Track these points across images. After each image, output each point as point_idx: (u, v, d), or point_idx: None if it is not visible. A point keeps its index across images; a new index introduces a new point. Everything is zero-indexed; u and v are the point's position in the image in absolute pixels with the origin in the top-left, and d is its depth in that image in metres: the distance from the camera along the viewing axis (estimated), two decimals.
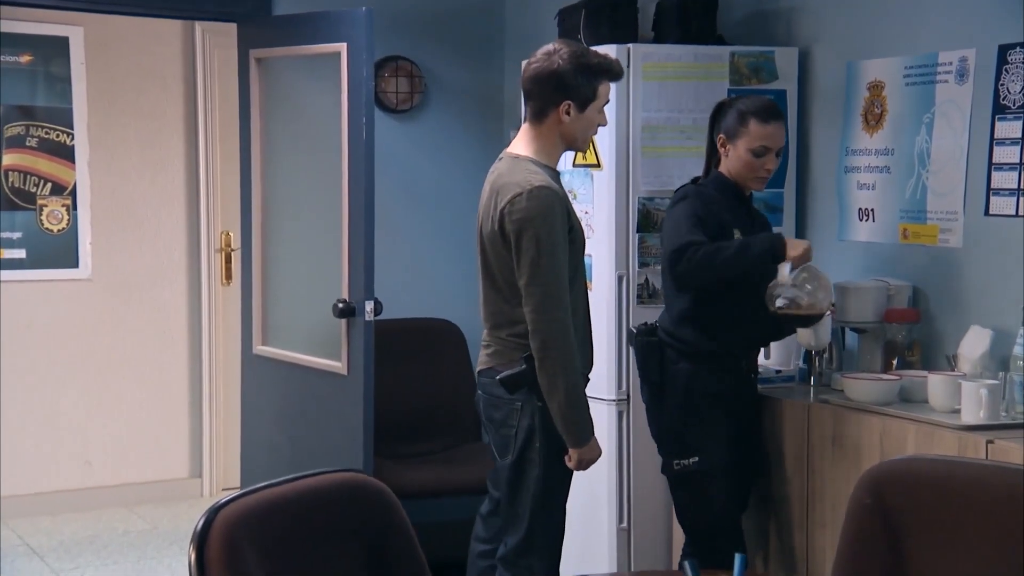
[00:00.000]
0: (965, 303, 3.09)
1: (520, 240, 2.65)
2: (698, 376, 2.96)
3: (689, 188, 3.01)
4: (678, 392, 2.97)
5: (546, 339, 2.65)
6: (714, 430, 2.97)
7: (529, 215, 2.63)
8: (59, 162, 5.16)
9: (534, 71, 2.74)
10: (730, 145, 2.98)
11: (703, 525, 3.00)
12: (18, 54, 5.05)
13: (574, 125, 2.73)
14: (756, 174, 2.98)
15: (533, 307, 2.65)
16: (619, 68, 2.78)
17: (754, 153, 2.95)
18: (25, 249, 5.12)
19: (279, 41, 4.10)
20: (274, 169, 4.21)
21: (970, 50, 3.08)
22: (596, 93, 2.73)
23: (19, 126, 5.08)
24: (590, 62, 2.72)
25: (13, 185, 5.08)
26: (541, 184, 2.65)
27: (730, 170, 3.00)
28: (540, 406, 2.71)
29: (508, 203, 2.66)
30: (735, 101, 3.03)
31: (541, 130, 2.76)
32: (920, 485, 2.13)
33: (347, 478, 2.02)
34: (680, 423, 2.97)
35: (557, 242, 2.64)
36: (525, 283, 2.65)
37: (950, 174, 3.13)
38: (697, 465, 2.95)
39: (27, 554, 4.62)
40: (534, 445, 2.71)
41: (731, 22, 3.69)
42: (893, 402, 2.91)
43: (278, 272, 4.22)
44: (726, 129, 2.99)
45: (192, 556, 1.72)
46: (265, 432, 4.22)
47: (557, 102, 2.71)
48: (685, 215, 2.91)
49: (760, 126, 2.95)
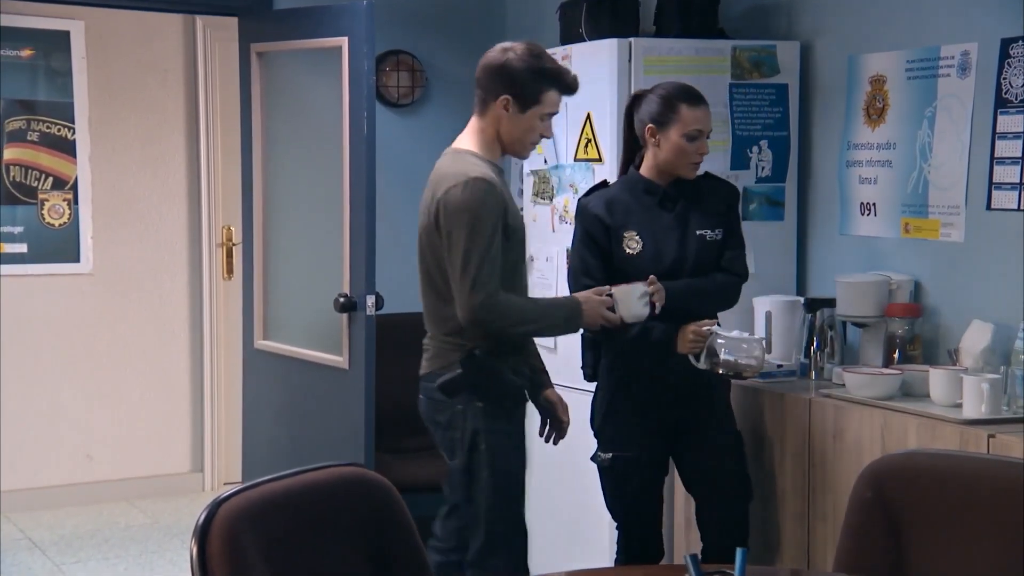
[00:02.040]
0: (967, 297, 3.09)
1: (452, 230, 2.63)
2: (616, 365, 2.95)
3: (580, 202, 2.97)
4: (605, 385, 2.99)
5: (475, 324, 2.63)
6: (632, 425, 2.94)
7: (463, 206, 2.62)
8: (60, 156, 5.16)
9: (485, 61, 2.75)
10: (660, 134, 2.88)
11: (619, 515, 3.05)
12: (19, 48, 5.04)
13: (512, 124, 2.71)
14: (691, 160, 2.89)
15: (464, 295, 2.62)
16: (572, 81, 2.75)
17: (688, 138, 2.87)
18: (26, 243, 5.12)
19: (280, 35, 4.09)
20: (275, 164, 4.21)
21: (972, 44, 3.07)
22: (540, 98, 2.70)
23: (20, 120, 5.08)
24: (541, 65, 2.70)
25: (14, 179, 5.08)
26: (478, 176, 2.64)
27: (661, 159, 2.90)
28: (481, 407, 2.71)
29: (444, 193, 2.65)
30: (652, 90, 2.95)
31: (483, 124, 2.75)
32: (921, 479, 2.13)
33: (348, 472, 2.02)
34: (602, 417, 2.99)
35: (490, 234, 2.61)
36: (457, 273, 2.63)
37: (952, 168, 3.13)
38: (609, 462, 2.97)
39: (29, 548, 4.63)
40: (479, 447, 2.71)
41: (732, 16, 3.68)
42: (894, 396, 2.91)
43: (279, 266, 4.22)
44: (653, 118, 2.88)
45: (193, 550, 1.72)
46: (266, 426, 4.22)
47: (497, 94, 2.70)
48: (576, 240, 2.94)
49: (691, 110, 2.86)
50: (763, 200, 3.55)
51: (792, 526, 3.08)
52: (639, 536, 3.04)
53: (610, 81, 3.38)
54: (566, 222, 3.60)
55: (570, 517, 3.65)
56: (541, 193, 3.73)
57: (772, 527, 3.13)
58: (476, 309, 2.62)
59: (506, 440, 2.72)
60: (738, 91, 3.48)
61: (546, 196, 3.70)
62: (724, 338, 2.81)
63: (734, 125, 3.49)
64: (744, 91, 3.49)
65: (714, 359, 2.80)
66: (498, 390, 2.72)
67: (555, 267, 3.65)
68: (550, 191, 3.68)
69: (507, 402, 2.75)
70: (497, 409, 2.73)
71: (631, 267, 2.87)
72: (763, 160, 3.54)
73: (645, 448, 2.95)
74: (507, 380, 2.73)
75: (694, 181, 2.94)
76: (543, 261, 3.71)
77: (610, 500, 3.06)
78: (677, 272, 2.89)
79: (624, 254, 2.88)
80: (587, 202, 2.96)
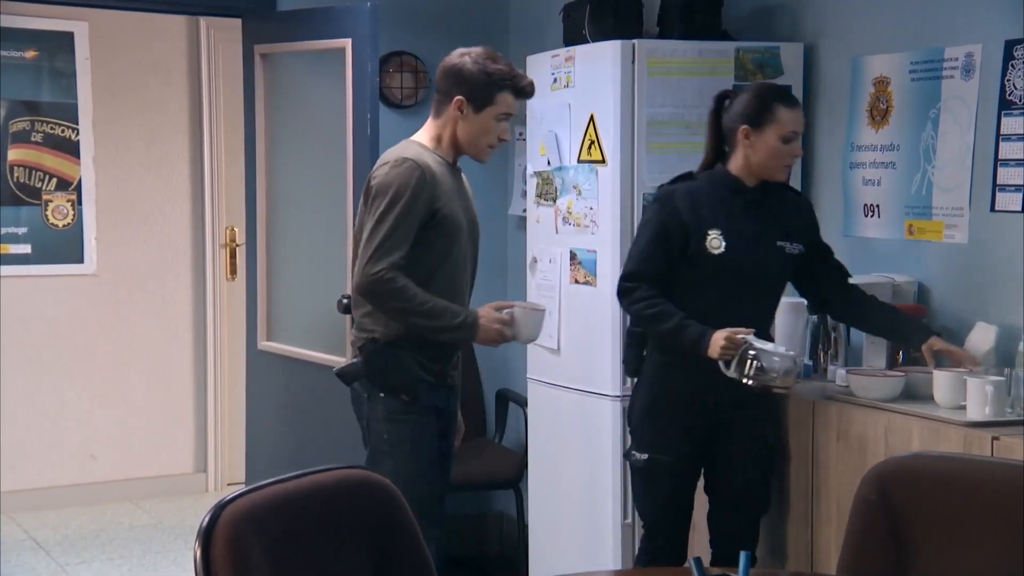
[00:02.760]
0: (970, 299, 3.09)
1: (372, 203, 2.72)
2: (665, 369, 2.92)
3: (664, 189, 2.93)
4: (646, 384, 2.96)
5: (364, 291, 2.69)
6: (669, 428, 2.91)
7: (387, 181, 2.71)
8: (64, 157, 5.17)
9: (442, 65, 2.84)
10: (755, 135, 2.85)
11: (647, 516, 3.02)
12: (23, 49, 5.05)
13: (467, 125, 2.79)
14: (784, 162, 2.88)
15: (361, 262, 2.69)
16: (526, 85, 2.82)
17: (784, 140, 2.85)
18: (30, 244, 5.13)
19: (283, 36, 4.10)
20: (279, 164, 4.21)
21: (976, 46, 3.07)
22: (494, 99, 2.77)
23: (24, 121, 5.09)
24: (495, 68, 2.78)
25: (18, 180, 5.08)
26: (409, 156, 2.73)
27: (754, 161, 2.87)
28: (383, 397, 2.75)
29: (374, 171, 2.76)
30: (745, 90, 2.94)
31: (438, 124, 2.84)
32: (925, 481, 2.13)
33: (352, 475, 2.02)
34: (641, 417, 2.96)
35: (404, 212, 2.68)
36: (363, 243, 2.71)
37: (956, 170, 3.13)
38: (644, 463, 2.94)
39: (32, 548, 4.64)
40: (382, 436, 2.76)
41: (736, 17, 3.68)
42: (898, 398, 2.91)
43: (283, 267, 4.22)
44: (749, 118, 2.85)
45: (197, 553, 1.72)
46: (270, 427, 4.22)
47: (452, 96, 2.78)
48: (648, 229, 2.88)
49: (788, 111, 2.85)
50: None
51: (796, 528, 3.07)
52: (666, 539, 2.99)
53: (613, 83, 3.38)
54: (569, 223, 3.60)
55: (576, 519, 3.65)
56: (544, 194, 3.73)
57: (776, 529, 3.13)
58: (368, 279, 2.67)
59: (411, 431, 2.75)
60: None
61: (549, 197, 3.70)
62: (757, 349, 2.73)
63: None
64: None
65: (744, 369, 2.74)
66: (394, 381, 2.75)
67: (558, 269, 3.65)
68: (553, 192, 3.68)
69: (405, 394, 2.76)
70: (400, 400, 2.76)
71: (712, 266, 2.84)
72: None
73: (682, 454, 2.92)
74: (405, 371, 2.75)
75: (777, 190, 2.94)
76: (546, 263, 3.71)
77: (640, 501, 3.02)
78: (756, 281, 2.88)
79: (706, 253, 2.84)
80: (672, 191, 2.89)
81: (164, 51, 5.31)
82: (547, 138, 3.68)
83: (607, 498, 3.46)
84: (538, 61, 3.75)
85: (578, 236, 3.56)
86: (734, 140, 2.89)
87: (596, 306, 3.48)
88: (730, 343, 2.75)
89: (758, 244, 2.89)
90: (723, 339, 2.75)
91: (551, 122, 3.66)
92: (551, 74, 3.66)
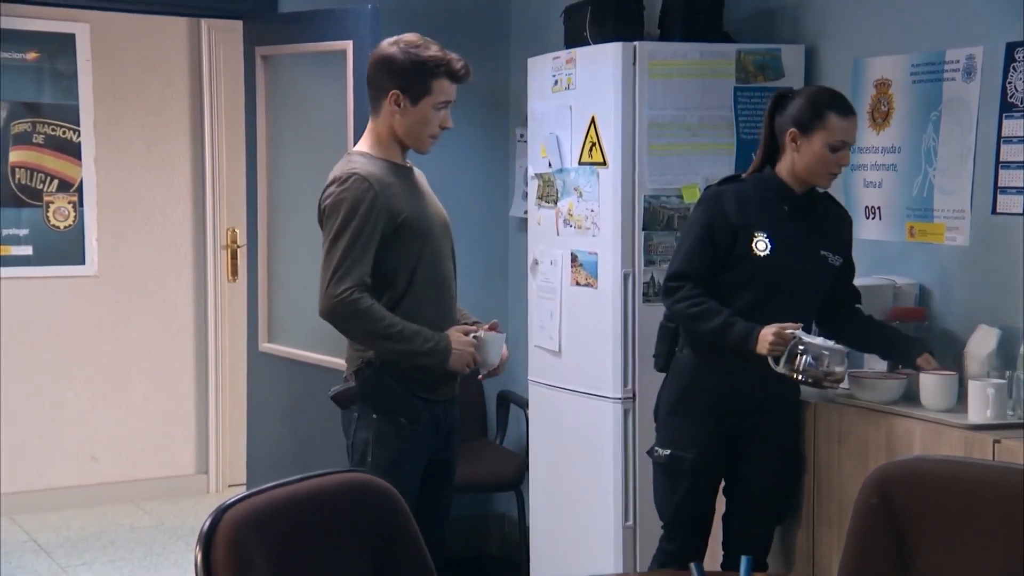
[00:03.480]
0: (972, 302, 3.08)
1: (326, 223, 2.65)
2: (697, 367, 2.90)
3: (711, 190, 2.92)
4: (674, 380, 2.94)
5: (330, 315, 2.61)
6: (695, 426, 2.89)
7: (336, 200, 2.62)
8: (65, 159, 5.17)
9: (372, 58, 2.73)
10: (803, 140, 2.83)
11: (666, 517, 2.99)
12: (24, 51, 5.05)
13: (406, 118, 2.68)
14: (830, 170, 2.86)
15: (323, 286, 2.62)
16: (461, 67, 2.68)
17: (832, 148, 2.83)
18: (32, 246, 5.13)
19: (285, 38, 4.10)
20: (280, 166, 4.21)
21: (977, 48, 3.06)
22: (430, 88, 2.66)
23: (25, 123, 5.09)
24: (427, 55, 2.66)
25: (20, 182, 5.09)
26: (353, 170, 2.64)
27: (799, 166, 2.86)
28: (375, 419, 2.67)
29: (322, 194, 2.68)
30: (801, 92, 2.92)
31: (377, 123, 2.73)
32: (927, 485, 2.13)
33: (353, 478, 2.02)
34: (666, 412, 2.95)
35: (357, 229, 2.59)
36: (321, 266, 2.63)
37: (957, 172, 3.12)
38: (666, 459, 2.92)
39: (34, 550, 4.64)
40: (367, 460, 2.67)
41: (737, 19, 3.68)
42: (899, 401, 2.91)
43: (284, 269, 4.23)
44: (799, 122, 2.83)
45: (198, 557, 1.72)
46: (271, 429, 4.22)
47: (388, 91, 2.68)
48: (694, 229, 2.86)
49: (840, 119, 2.82)
50: None
51: (797, 531, 3.07)
52: (684, 540, 2.94)
53: (614, 85, 3.38)
54: (570, 225, 3.60)
55: (577, 521, 3.65)
56: (545, 196, 3.73)
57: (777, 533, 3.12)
58: (332, 300, 2.59)
59: (395, 456, 2.66)
60: (743, 94, 3.48)
61: (550, 199, 3.70)
62: (806, 344, 2.72)
63: (739, 129, 3.49)
64: (749, 94, 3.48)
65: (795, 364, 2.72)
66: (392, 405, 2.68)
67: (559, 270, 3.65)
68: (554, 194, 3.68)
69: (401, 418, 2.69)
70: (390, 424, 2.68)
71: (757, 268, 2.84)
72: None
73: (704, 452, 2.90)
74: (402, 396, 2.68)
75: (822, 200, 2.95)
76: (547, 264, 3.71)
77: (660, 498, 2.99)
78: (798, 286, 2.88)
79: (751, 253, 2.83)
80: (719, 192, 2.88)
81: (165, 52, 5.31)
82: (548, 140, 3.68)
83: (608, 500, 3.46)
84: (539, 63, 3.75)
85: (579, 238, 3.56)
86: (783, 143, 2.88)
87: (597, 308, 3.48)
88: (779, 338, 2.74)
89: (803, 250, 2.88)
90: (772, 335, 2.74)
91: (552, 124, 3.66)
92: (552, 76, 3.66)
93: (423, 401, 2.72)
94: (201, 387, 5.44)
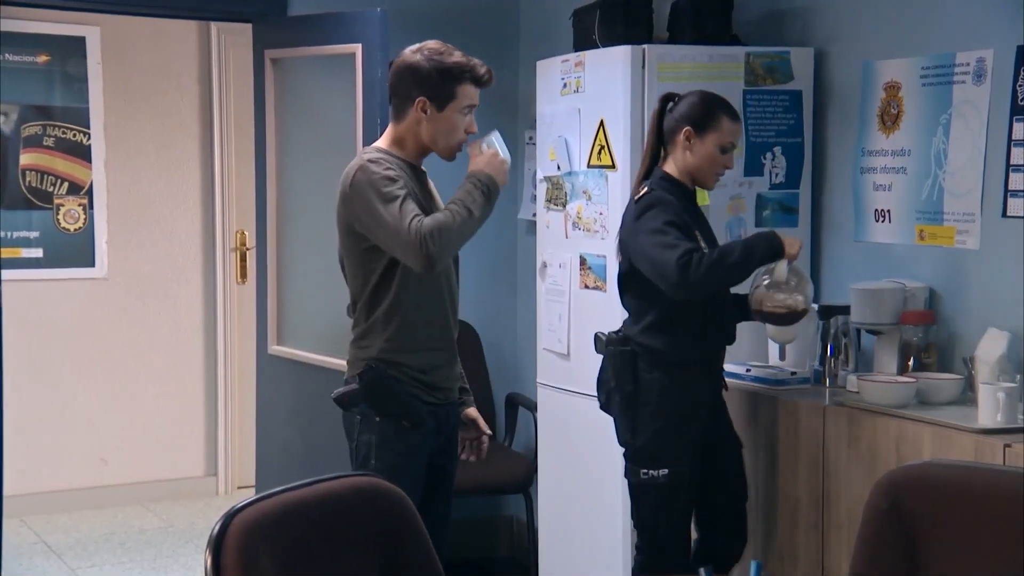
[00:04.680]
0: (982, 305, 3.08)
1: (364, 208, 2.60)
2: (672, 386, 2.92)
3: (656, 195, 2.92)
4: (651, 402, 2.93)
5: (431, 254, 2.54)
6: (684, 441, 2.93)
7: (363, 181, 2.60)
8: (76, 161, 5.19)
9: (395, 67, 2.72)
10: (696, 139, 2.91)
11: (660, 533, 2.98)
12: (35, 54, 5.07)
13: (433, 125, 2.68)
14: (718, 171, 2.95)
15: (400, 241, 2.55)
16: (484, 73, 2.69)
17: (722, 149, 2.92)
18: (42, 248, 5.15)
19: (294, 42, 4.11)
20: (289, 169, 4.22)
21: (988, 51, 3.06)
22: (456, 93, 2.67)
23: (36, 126, 5.11)
24: (452, 60, 2.67)
25: (30, 184, 5.10)
26: (372, 158, 2.65)
27: (689, 166, 2.93)
28: (379, 421, 2.67)
29: (343, 187, 2.66)
30: (691, 93, 2.98)
31: (400, 128, 2.73)
32: (937, 490, 2.13)
33: (363, 482, 2.02)
34: (652, 433, 2.93)
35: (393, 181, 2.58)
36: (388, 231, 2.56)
37: (967, 175, 3.12)
38: (666, 479, 2.92)
39: (44, 551, 4.65)
40: (370, 462, 2.67)
41: (746, 22, 3.67)
42: (909, 404, 2.90)
43: (293, 271, 4.23)
44: (694, 122, 2.91)
45: (208, 561, 1.72)
46: (280, 431, 4.23)
47: (413, 98, 2.68)
48: (663, 224, 2.84)
49: (731, 122, 2.92)
50: (777, 207, 3.54)
51: (806, 535, 3.07)
52: (678, 553, 2.98)
53: (623, 88, 3.38)
54: (579, 228, 3.60)
55: (585, 524, 3.64)
56: (554, 199, 3.73)
57: (786, 536, 3.12)
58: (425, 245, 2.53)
59: (398, 459, 2.66)
60: (752, 97, 3.48)
61: (559, 202, 3.70)
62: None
63: (748, 131, 3.48)
64: (758, 97, 3.48)
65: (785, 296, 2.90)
66: (395, 407, 2.68)
67: (568, 273, 3.64)
68: (563, 197, 3.68)
69: (405, 420, 2.69)
70: (393, 426, 2.68)
71: None
72: (777, 167, 3.53)
73: (696, 462, 2.95)
74: (405, 399, 2.69)
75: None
76: (556, 268, 3.71)
77: (651, 516, 2.98)
78: None
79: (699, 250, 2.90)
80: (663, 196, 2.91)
81: (175, 56, 5.33)
82: (557, 143, 3.68)
83: (617, 503, 3.46)
84: (548, 66, 3.75)
85: (588, 241, 3.56)
86: (674, 141, 2.95)
87: (606, 311, 3.48)
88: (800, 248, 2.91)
89: (711, 243, 2.98)
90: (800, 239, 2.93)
91: (561, 127, 3.66)
92: (561, 79, 3.66)
93: (425, 404, 2.72)
94: (210, 389, 5.45)
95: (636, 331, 2.96)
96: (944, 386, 2.95)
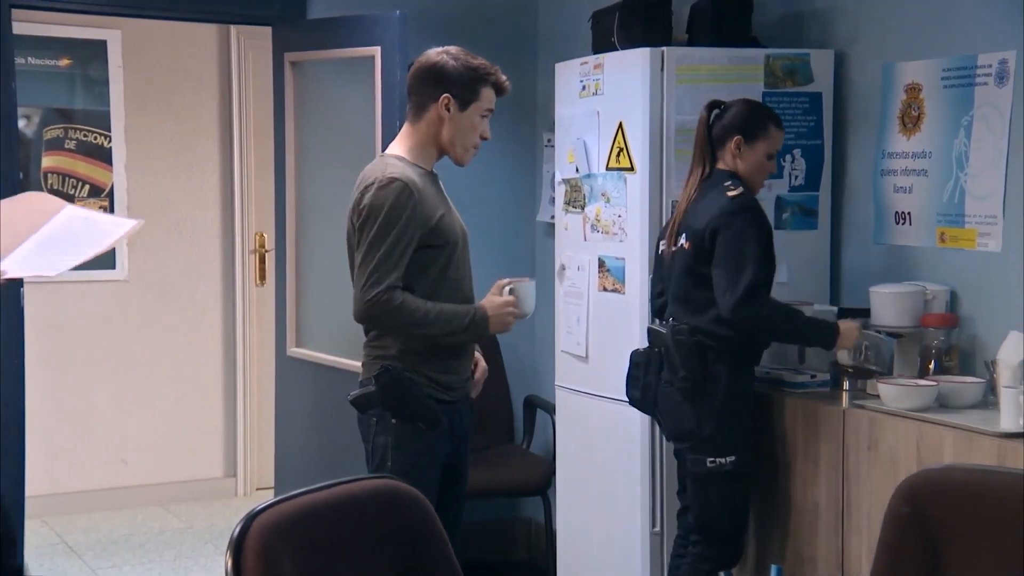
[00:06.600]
0: (1004, 308, 3.05)
1: (363, 227, 2.66)
2: (738, 377, 3.02)
3: (748, 198, 2.99)
4: (718, 392, 3.00)
5: (364, 318, 2.65)
6: (746, 431, 3.04)
7: (376, 203, 2.64)
8: (97, 164, 5.22)
9: (418, 66, 2.76)
10: (747, 147, 3.04)
11: (723, 524, 3.04)
12: (57, 58, 5.11)
13: (454, 124, 2.72)
14: (765, 178, 3.10)
15: (357, 290, 2.65)
16: (503, 81, 2.76)
17: (768, 156, 3.06)
18: None
19: (313, 44, 4.12)
20: (308, 171, 4.23)
21: (1010, 52, 3.04)
22: (479, 95, 2.72)
23: (58, 128, 5.14)
24: (477, 63, 2.74)
25: (52, 187, 5.14)
26: (393, 175, 2.66)
27: (741, 171, 3.05)
28: (395, 424, 2.69)
29: (359, 195, 2.69)
30: (738, 102, 3.09)
31: (418, 128, 2.76)
32: (958, 494, 2.11)
33: (382, 484, 2.02)
34: (718, 422, 3.00)
35: (397, 234, 2.62)
36: (357, 269, 2.66)
37: (989, 177, 3.10)
38: (732, 465, 2.98)
39: (65, 552, 4.68)
40: (386, 464, 2.69)
41: (766, 24, 3.66)
42: (930, 408, 2.89)
43: (312, 273, 4.24)
44: (745, 130, 3.02)
45: (228, 563, 1.73)
46: (299, 433, 4.24)
47: (437, 95, 2.71)
48: (759, 236, 2.93)
49: (778, 131, 3.07)
50: (797, 209, 3.53)
51: (826, 539, 3.05)
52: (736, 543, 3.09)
53: (642, 90, 3.37)
54: (597, 231, 3.60)
55: (604, 527, 3.64)
56: (573, 202, 3.73)
57: (806, 540, 3.11)
58: (366, 304, 2.63)
59: (413, 460, 2.68)
60: (771, 100, 3.46)
61: (578, 205, 3.70)
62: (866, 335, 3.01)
63: None
64: (778, 100, 3.47)
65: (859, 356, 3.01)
66: (411, 409, 2.70)
67: (587, 277, 3.64)
68: (582, 200, 3.67)
69: (420, 422, 2.70)
70: (409, 428, 2.70)
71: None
72: (796, 169, 3.51)
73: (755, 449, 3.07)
74: (421, 400, 2.70)
75: None
76: (575, 270, 3.71)
77: (717, 508, 3.05)
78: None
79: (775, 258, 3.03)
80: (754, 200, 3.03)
81: (195, 59, 5.35)
82: (576, 145, 3.68)
83: (636, 506, 3.45)
84: (567, 68, 3.75)
85: (606, 243, 3.55)
86: (724, 149, 3.05)
87: (624, 314, 3.48)
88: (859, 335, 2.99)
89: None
90: (855, 331, 2.99)
91: (579, 129, 3.66)
92: (580, 81, 3.65)
93: (440, 404, 2.74)
94: (229, 391, 5.47)
95: (706, 321, 3.00)
96: (966, 389, 2.93)
